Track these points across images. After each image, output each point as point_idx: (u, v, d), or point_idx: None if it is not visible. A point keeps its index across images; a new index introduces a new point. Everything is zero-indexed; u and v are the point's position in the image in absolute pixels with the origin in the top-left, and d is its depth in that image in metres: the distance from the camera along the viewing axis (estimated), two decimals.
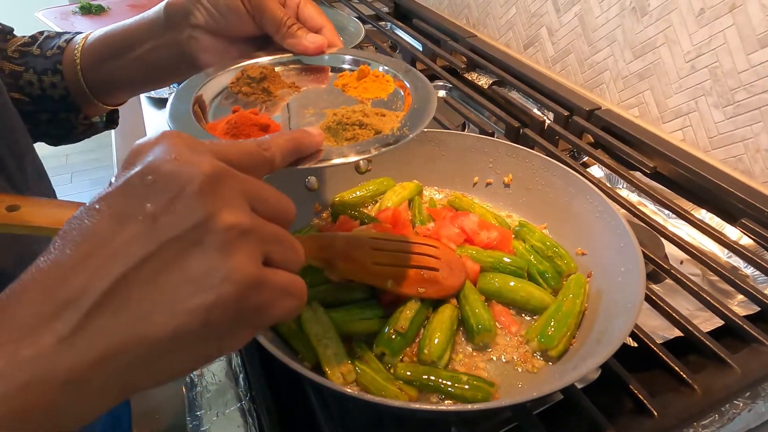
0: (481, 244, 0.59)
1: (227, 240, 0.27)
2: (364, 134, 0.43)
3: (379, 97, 0.51)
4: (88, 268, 0.25)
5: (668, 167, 0.81)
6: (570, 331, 0.50)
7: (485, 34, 1.27)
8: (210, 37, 0.53)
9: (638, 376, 0.50)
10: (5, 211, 0.40)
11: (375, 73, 0.53)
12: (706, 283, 0.65)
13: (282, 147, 0.35)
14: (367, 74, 0.53)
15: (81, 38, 0.59)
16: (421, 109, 0.46)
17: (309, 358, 0.49)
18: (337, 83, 0.53)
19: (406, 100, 0.50)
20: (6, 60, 0.58)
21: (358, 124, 0.44)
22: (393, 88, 0.52)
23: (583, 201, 0.60)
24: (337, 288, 0.54)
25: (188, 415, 0.51)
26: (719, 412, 0.47)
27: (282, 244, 0.30)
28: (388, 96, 0.51)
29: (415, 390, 0.47)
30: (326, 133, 0.44)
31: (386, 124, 0.44)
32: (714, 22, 0.78)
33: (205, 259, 0.26)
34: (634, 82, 0.93)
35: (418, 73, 0.52)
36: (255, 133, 0.44)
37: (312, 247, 0.53)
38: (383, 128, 0.43)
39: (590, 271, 0.57)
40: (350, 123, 0.44)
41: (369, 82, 0.52)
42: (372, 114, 0.45)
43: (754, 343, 0.53)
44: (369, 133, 0.43)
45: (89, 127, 0.64)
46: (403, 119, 0.45)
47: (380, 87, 0.52)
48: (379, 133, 0.43)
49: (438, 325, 0.50)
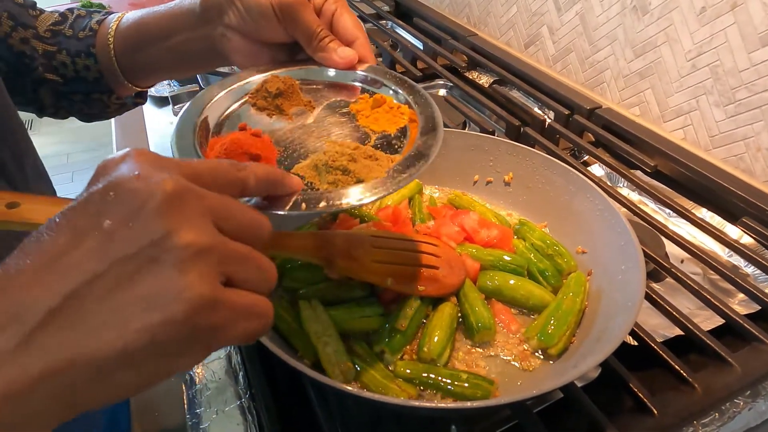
0: (481, 243, 0.59)
1: (183, 258, 0.26)
2: (344, 181, 0.42)
3: (386, 131, 0.48)
4: (39, 282, 0.25)
5: (669, 166, 0.80)
6: (570, 330, 0.50)
7: (486, 32, 1.27)
8: (242, 39, 0.52)
9: (638, 374, 0.50)
10: (5, 208, 0.40)
11: (390, 104, 0.51)
12: (707, 281, 0.65)
13: (258, 174, 0.34)
14: (382, 104, 0.50)
15: (114, 21, 0.59)
16: (415, 159, 0.44)
17: (309, 355, 0.49)
18: (354, 107, 0.51)
19: (411, 134, 0.48)
20: (38, 40, 0.59)
21: (341, 170, 0.42)
22: (405, 122, 0.49)
23: (583, 199, 0.60)
24: (337, 286, 0.54)
25: (188, 413, 0.51)
26: (720, 411, 0.47)
27: (246, 264, 0.29)
28: (397, 131, 0.48)
29: (414, 388, 0.47)
30: (313, 171, 0.43)
31: (372, 172, 0.42)
32: (715, 21, 0.78)
33: (159, 277, 0.26)
34: (635, 80, 0.93)
35: (430, 102, 0.49)
36: (245, 161, 0.42)
37: (311, 244, 0.53)
38: (366, 177, 0.42)
39: (590, 270, 0.57)
40: (335, 167, 0.42)
41: (382, 112, 0.50)
42: (361, 158, 0.43)
43: (754, 341, 0.53)
44: (350, 181, 0.42)
45: (121, 105, 0.65)
46: (392, 168, 0.43)
47: (392, 120, 0.50)
48: (360, 182, 0.42)
49: (438, 323, 0.50)
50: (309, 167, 0.44)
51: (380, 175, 0.42)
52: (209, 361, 0.55)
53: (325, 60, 0.50)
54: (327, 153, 0.44)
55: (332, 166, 0.43)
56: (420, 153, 0.44)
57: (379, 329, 0.51)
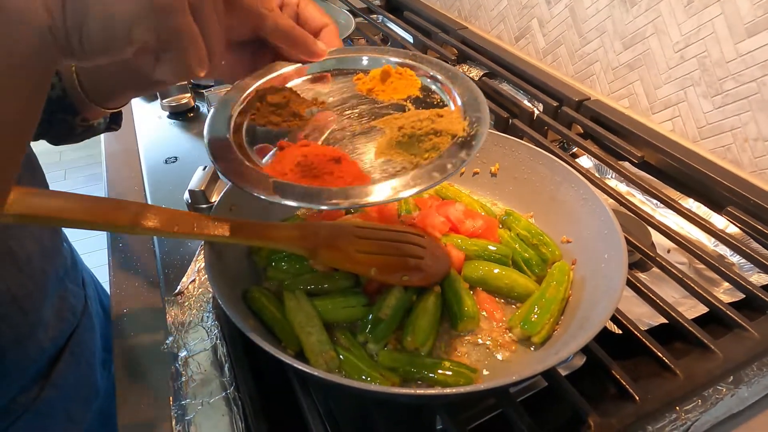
0: (466, 233, 0.59)
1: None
2: (442, 141, 0.41)
3: (414, 95, 0.48)
4: None
5: (656, 157, 0.81)
6: (553, 318, 0.50)
7: (476, 26, 1.26)
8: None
9: (622, 362, 0.50)
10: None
11: (398, 70, 0.50)
12: (693, 271, 0.65)
13: (278, 17, 0.42)
14: (391, 74, 0.49)
15: None
16: (471, 95, 0.44)
17: (292, 346, 0.49)
18: (361, 89, 0.49)
19: (444, 89, 0.47)
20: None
21: (433, 133, 0.41)
22: (420, 82, 0.49)
23: (568, 189, 0.60)
24: (322, 277, 0.54)
25: (173, 405, 0.51)
26: (702, 397, 0.47)
27: (213, 18, 0.36)
28: (420, 90, 0.48)
29: (398, 377, 0.47)
30: (398, 149, 0.42)
31: (454, 124, 0.42)
32: (702, 12, 0.78)
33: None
34: (624, 72, 0.93)
35: (430, 59, 0.50)
36: (331, 167, 0.41)
37: (296, 235, 0.53)
38: (456, 129, 0.41)
39: (575, 259, 0.57)
40: (424, 133, 0.42)
41: (396, 81, 0.49)
42: (435, 117, 0.43)
43: (737, 328, 0.53)
44: (447, 139, 0.41)
45: (88, 128, 0.62)
46: (462, 113, 0.42)
47: (409, 84, 0.49)
48: (455, 136, 0.41)
49: (421, 312, 0.50)
50: (391, 147, 0.42)
51: (460, 124, 0.42)
52: (195, 353, 0.55)
53: (298, 54, 0.49)
54: (402, 127, 0.43)
55: (421, 133, 0.42)
56: (467, 89, 0.46)
57: (363, 319, 0.51)
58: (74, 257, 0.71)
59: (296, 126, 0.47)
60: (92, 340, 0.69)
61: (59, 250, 0.64)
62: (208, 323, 0.58)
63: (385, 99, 0.48)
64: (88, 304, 0.70)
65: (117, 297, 0.64)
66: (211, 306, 0.60)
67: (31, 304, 0.56)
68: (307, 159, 0.41)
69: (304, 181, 0.40)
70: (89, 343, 0.68)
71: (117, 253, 0.70)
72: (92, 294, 0.74)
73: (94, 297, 0.74)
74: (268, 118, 0.47)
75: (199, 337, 0.57)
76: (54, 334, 0.61)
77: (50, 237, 0.62)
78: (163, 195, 0.78)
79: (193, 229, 0.48)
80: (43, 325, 0.59)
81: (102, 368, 0.71)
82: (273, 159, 0.43)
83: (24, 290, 0.55)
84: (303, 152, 0.42)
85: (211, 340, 0.56)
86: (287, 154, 0.43)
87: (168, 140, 0.90)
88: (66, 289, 0.64)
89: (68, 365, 0.63)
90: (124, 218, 0.45)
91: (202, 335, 0.57)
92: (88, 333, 0.68)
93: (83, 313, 0.68)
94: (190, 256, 0.67)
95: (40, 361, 0.60)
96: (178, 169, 0.83)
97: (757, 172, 0.76)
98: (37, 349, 0.58)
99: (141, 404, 0.53)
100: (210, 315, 0.59)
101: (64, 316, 0.63)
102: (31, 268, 0.56)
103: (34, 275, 0.57)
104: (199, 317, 0.59)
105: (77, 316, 0.66)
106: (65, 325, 0.63)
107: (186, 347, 0.55)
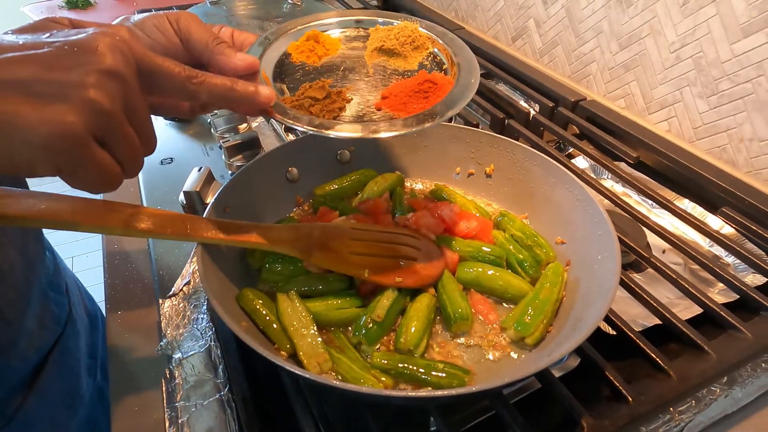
0: (460, 234, 0.59)
1: (89, 91, 0.33)
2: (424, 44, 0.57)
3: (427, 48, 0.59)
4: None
5: (652, 157, 0.81)
6: (547, 319, 0.50)
7: (473, 26, 1.26)
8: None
9: (616, 363, 0.50)
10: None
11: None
12: (688, 272, 0.65)
13: (211, 87, 0.41)
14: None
15: None
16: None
17: (285, 347, 0.49)
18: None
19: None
20: None
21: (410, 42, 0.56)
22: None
23: (563, 190, 0.60)
24: (316, 278, 0.54)
25: (167, 406, 0.51)
26: (696, 398, 0.47)
27: (126, 138, 0.36)
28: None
29: (391, 378, 0.47)
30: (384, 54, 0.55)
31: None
32: (698, 12, 0.78)
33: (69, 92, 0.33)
34: (620, 73, 0.93)
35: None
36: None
37: (290, 237, 0.53)
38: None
39: (569, 260, 0.57)
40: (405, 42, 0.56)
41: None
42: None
43: (731, 329, 0.53)
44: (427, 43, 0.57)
45: None
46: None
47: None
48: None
49: (415, 314, 0.50)
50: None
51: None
52: (189, 354, 0.55)
53: (225, 63, 0.48)
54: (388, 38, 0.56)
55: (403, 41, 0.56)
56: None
57: (356, 321, 0.51)
58: (57, 264, 0.70)
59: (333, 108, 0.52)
60: (76, 347, 0.68)
61: (42, 258, 0.64)
62: (203, 325, 0.58)
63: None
64: (72, 311, 0.69)
65: (111, 298, 0.63)
66: (205, 308, 0.60)
67: (13, 314, 0.56)
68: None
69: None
70: (74, 351, 0.67)
71: (112, 255, 0.70)
72: (76, 300, 0.73)
73: (78, 303, 0.74)
74: (322, 107, 0.51)
75: (194, 338, 0.56)
76: (37, 343, 0.60)
77: (34, 246, 0.61)
78: (158, 196, 0.78)
79: (187, 231, 0.48)
80: (26, 335, 0.58)
81: (87, 375, 0.70)
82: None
83: (6, 299, 0.54)
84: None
85: (205, 342, 0.56)
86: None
87: (163, 141, 0.90)
88: (48, 297, 0.64)
89: (52, 374, 0.62)
90: (117, 220, 0.45)
91: (196, 337, 0.57)
92: (72, 341, 0.67)
93: (67, 321, 0.67)
94: (185, 257, 0.67)
95: (24, 371, 0.59)
96: (174, 171, 0.83)
97: (753, 173, 0.76)
98: (20, 358, 0.58)
99: (135, 406, 0.53)
100: (204, 317, 0.58)
101: (47, 325, 0.62)
102: (14, 277, 0.56)
103: (17, 284, 0.56)
104: (193, 319, 0.59)
105: (61, 324, 0.65)
106: (48, 334, 0.63)
107: (180, 349, 0.55)
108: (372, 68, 0.56)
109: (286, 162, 0.66)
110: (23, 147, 0.32)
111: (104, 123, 0.34)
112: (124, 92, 0.35)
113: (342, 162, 0.70)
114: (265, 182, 0.64)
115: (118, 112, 0.35)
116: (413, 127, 0.46)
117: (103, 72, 0.34)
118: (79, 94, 0.33)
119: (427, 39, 0.59)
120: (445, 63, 0.56)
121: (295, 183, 0.67)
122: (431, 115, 0.47)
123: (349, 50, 0.58)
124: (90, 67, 0.33)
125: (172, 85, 0.40)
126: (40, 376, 0.61)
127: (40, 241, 0.64)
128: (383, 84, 0.53)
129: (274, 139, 0.87)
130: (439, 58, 0.57)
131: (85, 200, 0.44)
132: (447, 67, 0.56)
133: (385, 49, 0.57)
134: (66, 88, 0.33)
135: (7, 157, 0.32)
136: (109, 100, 0.34)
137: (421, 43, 0.57)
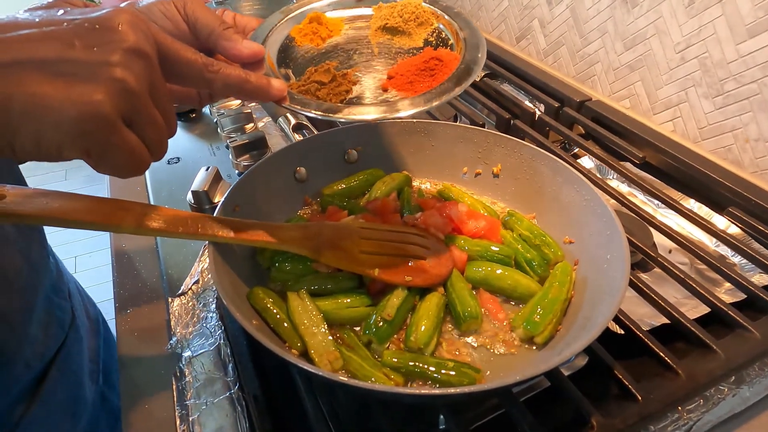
0: (468, 233, 0.59)
1: (113, 74, 0.32)
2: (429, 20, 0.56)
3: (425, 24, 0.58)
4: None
5: (658, 157, 0.81)
6: (556, 318, 0.50)
7: (478, 26, 1.26)
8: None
9: (625, 362, 0.50)
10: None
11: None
12: (694, 271, 0.65)
13: (226, 77, 0.41)
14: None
15: None
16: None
17: (296, 346, 0.49)
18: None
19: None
20: None
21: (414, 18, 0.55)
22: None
23: (570, 190, 0.60)
24: (325, 277, 0.54)
25: (177, 405, 0.51)
26: (704, 397, 0.48)
27: (153, 120, 0.35)
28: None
29: (401, 376, 0.47)
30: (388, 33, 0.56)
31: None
32: (703, 13, 0.78)
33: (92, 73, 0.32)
34: (625, 73, 0.93)
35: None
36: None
37: (300, 236, 0.53)
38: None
39: (577, 260, 0.57)
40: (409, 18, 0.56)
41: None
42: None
43: (738, 329, 0.53)
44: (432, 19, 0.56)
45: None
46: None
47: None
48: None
49: (425, 312, 0.50)
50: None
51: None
52: (199, 353, 0.55)
53: (229, 49, 0.48)
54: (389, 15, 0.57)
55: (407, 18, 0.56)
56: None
57: (366, 319, 0.51)
58: (59, 268, 0.70)
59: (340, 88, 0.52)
60: (79, 353, 0.68)
61: (46, 263, 0.63)
62: (212, 323, 0.58)
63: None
64: (75, 316, 0.68)
65: (120, 297, 0.64)
66: (214, 306, 0.60)
67: (19, 321, 0.55)
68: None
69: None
70: (77, 357, 0.67)
71: (120, 254, 0.70)
72: (78, 304, 0.72)
73: (80, 307, 0.73)
74: (316, 92, 0.51)
75: (203, 337, 0.57)
76: (41, 350, 0.60)
77: (38, 250, 0.61)
78: (165, 195, 0.78)
79: (198, 230, 0.49)
80: (30, 342, 0.57)
81: (90, 381, 0.69)
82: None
83: (11, 306, 0.54)
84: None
85: (215, 341, 0.56)
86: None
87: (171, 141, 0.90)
88: (53, 303, 0.63)
89: (56, 381, 0.61)
90: (129, 219, 0.45)
91: (206, 335, 0.57)
92: (75, 347, 0.67)
93: (70, 326, 0.67)
94: (193, 256, 0.67)
95: (28, 379, 0.58)
96: (181, 170, 0.84)
97: (758, 173, 0.77)
98: (24, 366, 0.57)
99: (145, 404, 0.53)
100: (214, 315, 0.59)
101: (51, 331, 0.62)
102: (20, 283, 0.55)
103: (23, 291, 0.56)
104: (202, 317, 0.59)
105: (64, 330, 0.65)
106: (52, 340, 0.62)
107: (190, 347, 0.56)
108: (377, 47, 0.55)
109: (294, 162, 0.67)
110: (52, 130, 0.31)
111: (132, 103, 0.33)
112: (149, 71, 0.34)
113: (349, 162, 0.70)
114: (274, 182, 0.64)
115: (145, 92, 0.34)
116: (420, 107, 0.47)
117: (128, 50, 0.33)
118: (106, 72, 0.32)
119: (432, 14, 0.58)
120: (451, 38, 0.56)
121: (303, 183, 0.68)
122: (439, 94, 0.47)
123: (353, 30, 0.58)
124: (114, 45, 0.32)
125: (188, 71, 0.39)
126: (44, 384, 0.60)
127: (43, 245, 0.64)
128: (389, 63, 0.53)
129: (281, 138, 0.87)
130: (444, 33, 0.57)
131: (97, 199, 0.45)
132: (452, 43, 0.55)
133: (389, 27, 0.56)
134: (91, 66, 0.31)
135: (34, 141, 0.31)
136: (135, 80, 0.33)
137: (425, 19, 0.57)
